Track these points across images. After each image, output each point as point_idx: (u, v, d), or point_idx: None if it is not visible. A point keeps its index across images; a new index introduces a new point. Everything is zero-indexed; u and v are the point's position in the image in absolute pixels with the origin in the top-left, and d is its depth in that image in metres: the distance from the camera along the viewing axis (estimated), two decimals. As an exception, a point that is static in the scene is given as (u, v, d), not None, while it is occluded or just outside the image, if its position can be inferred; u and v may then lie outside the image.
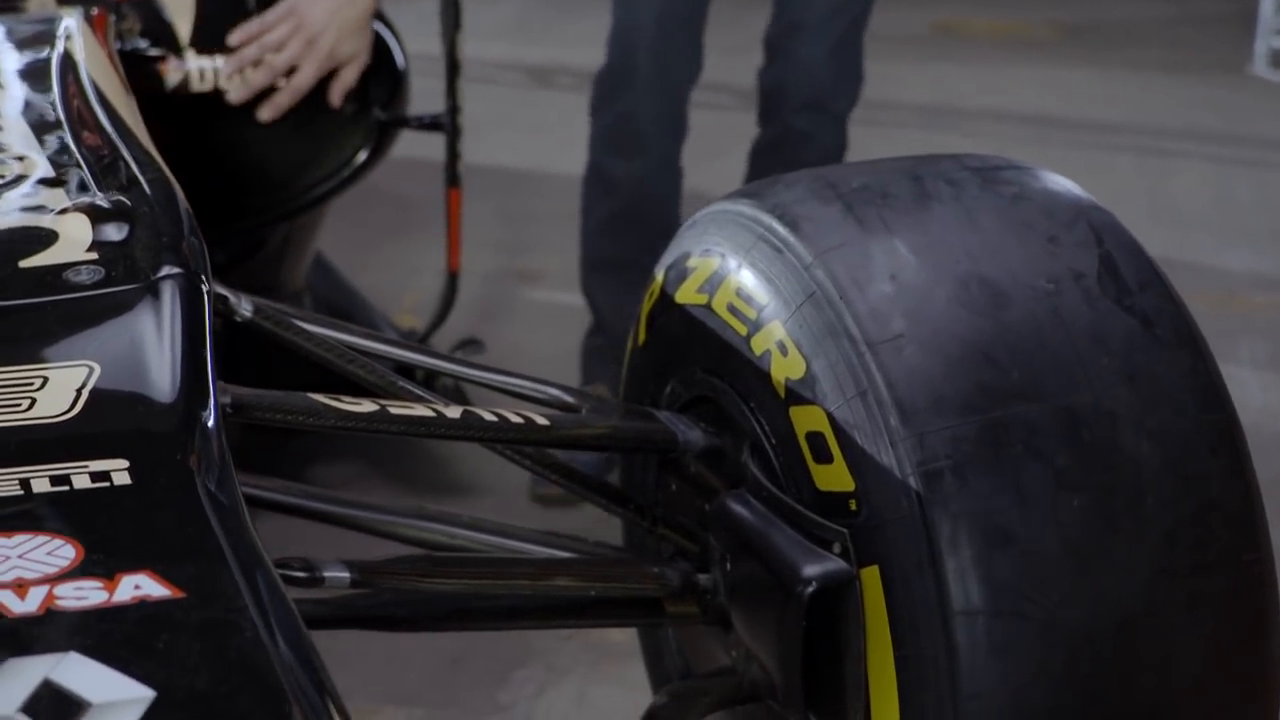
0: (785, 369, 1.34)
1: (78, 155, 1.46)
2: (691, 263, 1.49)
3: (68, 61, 1.73)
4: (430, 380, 2.58)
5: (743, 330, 1.40)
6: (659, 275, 1.56)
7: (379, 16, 2.55)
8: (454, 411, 1.36)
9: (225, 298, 1.38)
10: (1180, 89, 5.65)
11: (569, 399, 1.54)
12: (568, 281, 3.39)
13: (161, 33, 2.30)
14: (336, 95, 2.37)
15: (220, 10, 2.35)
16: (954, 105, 5.37)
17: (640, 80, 2.72)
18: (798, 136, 2.83)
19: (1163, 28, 6.74)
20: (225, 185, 2.37)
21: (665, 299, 1.53)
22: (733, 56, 3.77)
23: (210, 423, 1.12)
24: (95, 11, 2.00)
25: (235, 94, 2.31)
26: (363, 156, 2.50)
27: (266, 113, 2.32)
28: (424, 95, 2.62)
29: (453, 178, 2.41)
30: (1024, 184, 1.40)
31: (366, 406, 1.31)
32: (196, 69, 2.31)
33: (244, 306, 1.40)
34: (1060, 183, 1.41)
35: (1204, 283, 3.68)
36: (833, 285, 1.32)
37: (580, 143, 2.93)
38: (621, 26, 2.76)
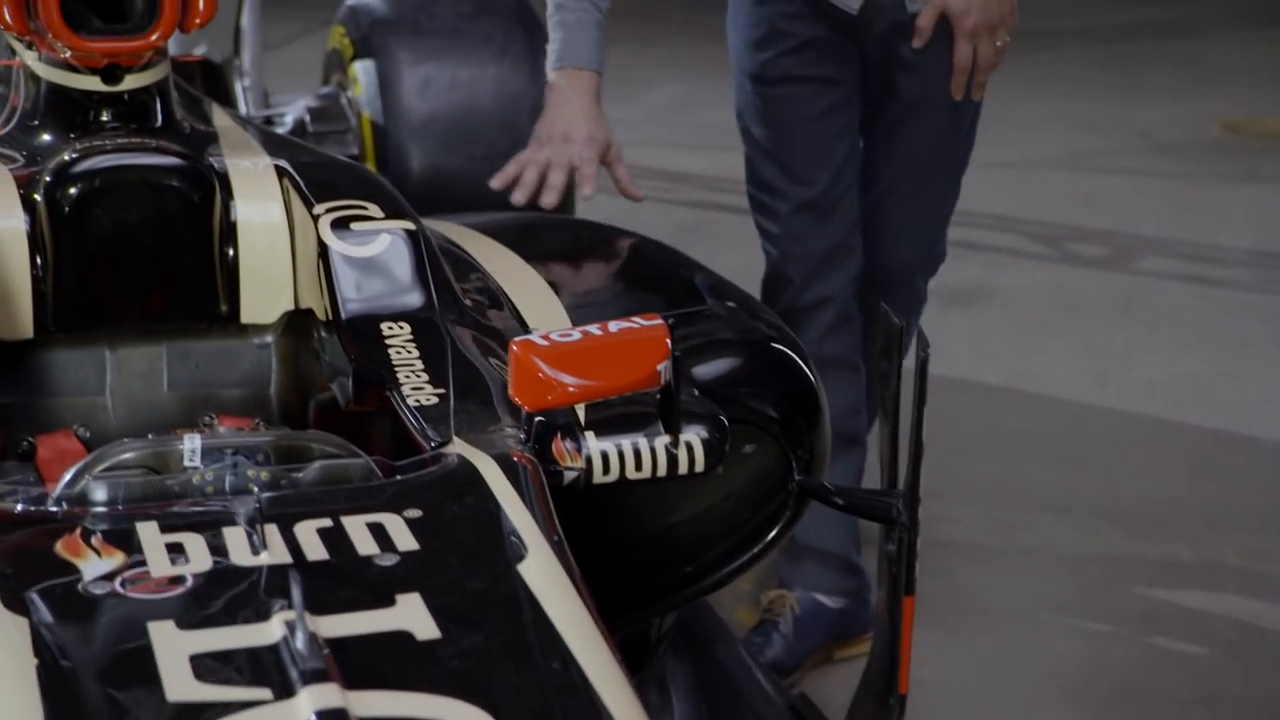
0: None
1: None
2: None
3: (547, 634, 1.28)
4: None
5: None
6: None
7: (786, 337, 2.07)
8: None
9: None
10: None
11: None
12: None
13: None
14: None
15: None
16: (1284, 252, 4.78)
17: None
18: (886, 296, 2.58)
19: None
20: (631, 575, 1.94)
21: None
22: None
23: None
24: (520, 458, 1.54)
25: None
26: (775, 530, 2.04)
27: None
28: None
29: (909, 583, 1.92)
30: None
31: None
32: (599, 454, 1.82)
33: None
34: None
35: None
36: None
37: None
38: None
